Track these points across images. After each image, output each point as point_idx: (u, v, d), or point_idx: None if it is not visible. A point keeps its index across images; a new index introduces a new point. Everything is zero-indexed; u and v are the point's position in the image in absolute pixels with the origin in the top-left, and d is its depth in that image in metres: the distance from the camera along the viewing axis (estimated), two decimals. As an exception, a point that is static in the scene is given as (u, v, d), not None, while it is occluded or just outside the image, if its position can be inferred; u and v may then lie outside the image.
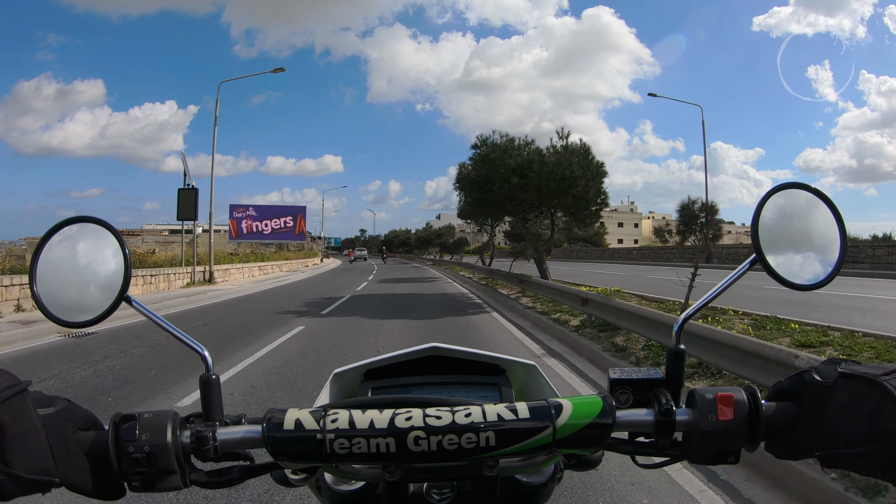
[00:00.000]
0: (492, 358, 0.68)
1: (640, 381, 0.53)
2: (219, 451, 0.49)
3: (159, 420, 0.46)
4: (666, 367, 0.54)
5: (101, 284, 0.55)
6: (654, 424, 0.50)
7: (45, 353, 5.95)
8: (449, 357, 0.67)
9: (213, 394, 0.52)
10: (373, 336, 7.16)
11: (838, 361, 0.48)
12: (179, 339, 0.54)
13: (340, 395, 0.68)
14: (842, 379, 0.46)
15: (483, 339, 7.09)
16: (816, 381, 0.47)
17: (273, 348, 6.20)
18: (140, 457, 0.45)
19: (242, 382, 4.63)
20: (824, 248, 0.57)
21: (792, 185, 0.58)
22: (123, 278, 0.55)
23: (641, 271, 21.91)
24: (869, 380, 0.45)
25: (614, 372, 0.54)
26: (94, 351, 5.84)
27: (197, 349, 0.54)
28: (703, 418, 0.48)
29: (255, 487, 2.54)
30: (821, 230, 0.58)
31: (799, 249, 0.58)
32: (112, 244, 0.56)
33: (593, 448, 0.49)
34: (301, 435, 0.46)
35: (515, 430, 0.46)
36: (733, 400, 0.48)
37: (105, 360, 5.42)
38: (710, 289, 0.57)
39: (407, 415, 0.46)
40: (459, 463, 0.48)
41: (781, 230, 0.57)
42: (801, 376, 0.49)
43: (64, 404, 0.46)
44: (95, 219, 0.57)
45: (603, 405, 0.48)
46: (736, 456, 0.49)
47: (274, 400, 4.10)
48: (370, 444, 0.45)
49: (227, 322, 8.68)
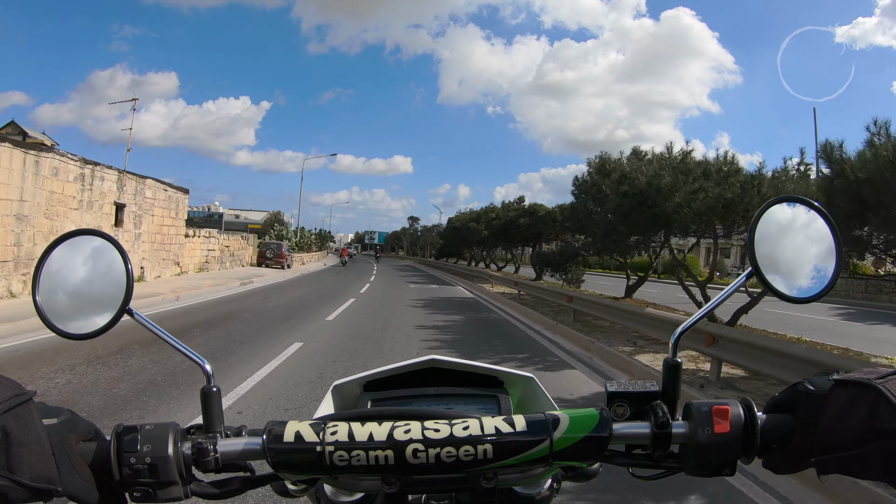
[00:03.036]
0: (490, 370, 0.68)
1: (636, 394, 0.53)
2: (220, 463, 0.49)
3: (160, 432, 0.47)
4: (662, 380, 0.54)
5: (103, 297, 0.56)
6: (651, 437, 0.50)
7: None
8: (448, 369, 0.67)
9: (213, 405, 0.52)
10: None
11: (831, 372, 0.48)
12: (181, 352, 0.55)
13: (340, 406, 0.69)
14: (836, 386, 0.47)
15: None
16: (811, 391, 0.48)
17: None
18: (141, 468, 0.45)
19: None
20: (820, 261, 0.58)
21: (788, 199, 0.59)
22: (126, 291, 0.56)
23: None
24: (863, 384, 0.45)
25: (611, 385, 0.54)
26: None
27: (198, 361, 0.54)
28: (700, 431, 0.48)
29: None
30: (817, 243, 0.58)
31: (795, 262, 0.58)
32: (115, 257, 0.57)
33: (590, 460, 0.49)
34: (301, 447, 0.47)
35: (513, 442, 0.46)
36: (729, 413, 0.49)
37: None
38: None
39: (406, 427, 0.47)
40: (457, 475, 0.48)
41: (778, 243, 0.58)
42: (795, 388, 0.49)
43: (67, 415, 0.46)
44: (99, 232, 0.58)
45: (600, 418, 0.48)
46: (732, 468, 0.50)
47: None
48: (369, 457, 0.46)
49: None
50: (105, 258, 0.57)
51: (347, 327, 8.29)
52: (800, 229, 0.58)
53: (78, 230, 0.58)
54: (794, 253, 0.58)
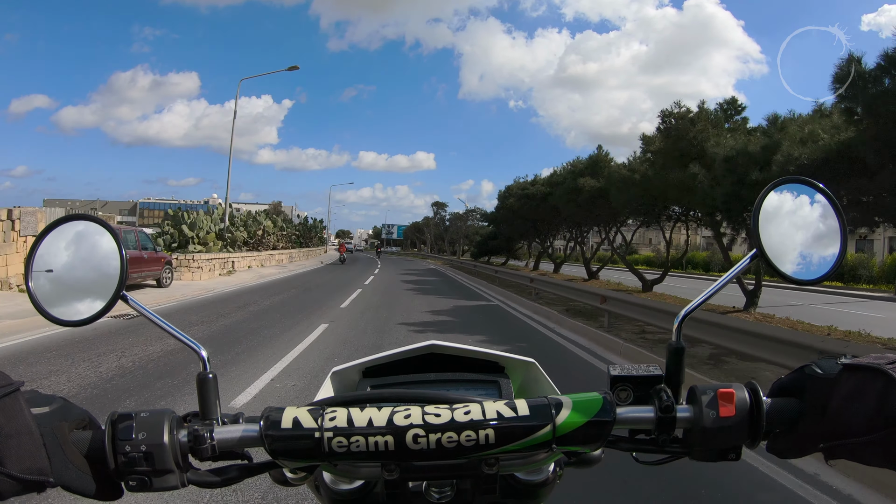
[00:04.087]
0: (491, 355, 0.67)
1: (640, 378, 0.52)
2: (216, 451, 0.48)
3: (156, 419, 0.46)
4: (666, 364, 0.53)
5: (97, 283, 0.55)
6: (655, 421, 0.50)
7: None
8: (448, 355, 0.67)
9: (210, 392, 0.51)
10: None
11: (839, 356, 0.48)
12: (176, 338, 0.54)
13: (339, 393, 0.68)
14: (845, 371, 0.46)
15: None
16: (818, 375, 0.47)
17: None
18: (137, 456, 0.45)
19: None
20: (825, 243, 0.57)
21: (792, 180, 0.58)
22: (119, 277, 0.55)
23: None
24: (873, 369, 0.44)
25: (615, 369, 0.53)
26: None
27: (194, 347, 0.54)
28: (704, 415, 0.48)
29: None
30: (821, 224, 0.57)
31: (799, 244, 0.57)
32: (109, 243, 0.56)
33: (593, 445, 0.48)
34: (299, 433, 0.46)
35: (515, 427, 0.46)
36: (734, 396, 0.48)
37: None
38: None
39: (406, 412, 0.46)
40: (459, 461, 0.48)
41: (782, 225, 0.57)
42: (802, 371, 0.49)
43: (60, 403, 0.46)
44: (92, 217, 0.57)
45: (603, 402, 0.48)
46: (737, 453, 0.49)
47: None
48: (369, 443, 0.45)
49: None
50: (98, 243, 0.56)
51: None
52: (804, 210, 0.58)
53: (70, 215, 0.57)
54: (798, 234, 0.58)
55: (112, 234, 0.56)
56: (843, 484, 2.85)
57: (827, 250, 0.57)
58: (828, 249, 0.57)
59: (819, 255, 0.57)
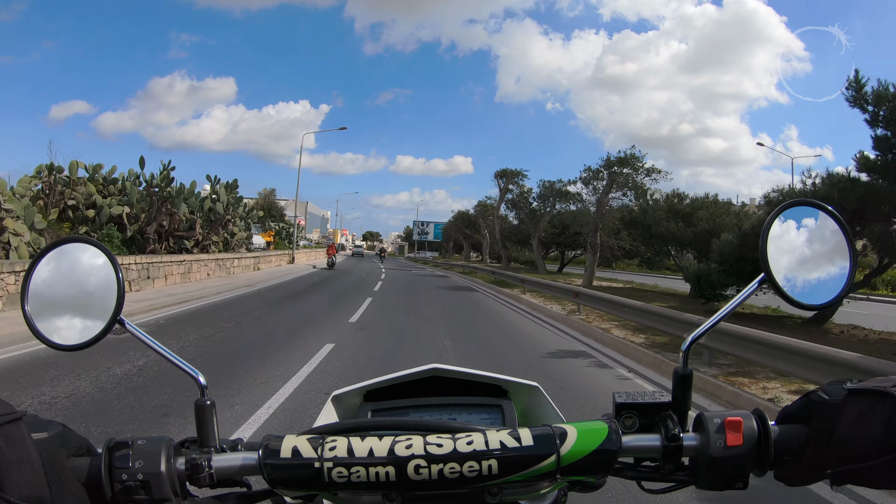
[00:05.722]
0: (493, 379, 0.66)
1: (646, 405, 0.51)
2: (214, 479, 0.48)
3: (153, 447, 0.45)
4: (673, 390, 0.52)
5: (94, 306, 0.54)
6: (661, 450, 0.49)
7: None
8: (450, 378, 0.66)
9: (208, 419, 0.51)
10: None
11: (845, 380, 0.47)
12: (173, 363, 0.53)
13: (340, 417, 0.67)
14: (851, 396, 0.45)
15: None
16: (824, 400, 0.46)
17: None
18: (133, 485, 0.44)
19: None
20: (834, 267, 0.56)
21: (801, 203, 0.57)
22: (117, 300, 0.54)
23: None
24: (879, 392, 0.44)
25: (620, 396, 0.52)
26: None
27: (190, 373, 0.53)
28: (712, 444, 0.47)
29: None
30: (830, 248, 0.56)
31: (808, 268, 0.56)
32: (106, 266, 0.55)
33: (598, 475, 0.47)
34: (298, 463, 0.45)
35: (519, 458, 0.45)
36: (742, 425, 0.47)
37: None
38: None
39: (407, 442, 0.45)
40: (461, 491, 0.47)
41: (790, 249, 0.56)
42: (809, 397, 0.48)
43: (58, 429, 0.45)
44: (89, 239, 0.56)
45: (608, 431, 0.47)
46: (745, 482, 0.48)
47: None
48: (369, 473, 0.44)
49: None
50: (95, 266, 0.56)
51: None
52: (812, 234, 0.57)
53: (67, 237, 0.57)
54: (806, 259, 0.57)
55: (109, 256, 0.56)
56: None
57: (835, 275, 0.56)
58: (836, 274, 0.56)
59: (827, 280, 0.56)
